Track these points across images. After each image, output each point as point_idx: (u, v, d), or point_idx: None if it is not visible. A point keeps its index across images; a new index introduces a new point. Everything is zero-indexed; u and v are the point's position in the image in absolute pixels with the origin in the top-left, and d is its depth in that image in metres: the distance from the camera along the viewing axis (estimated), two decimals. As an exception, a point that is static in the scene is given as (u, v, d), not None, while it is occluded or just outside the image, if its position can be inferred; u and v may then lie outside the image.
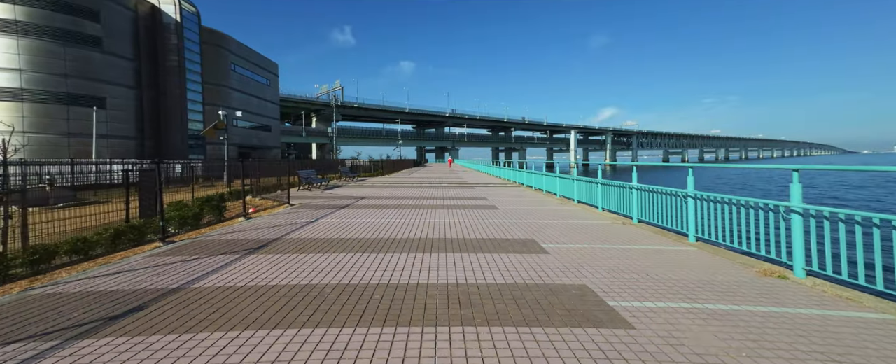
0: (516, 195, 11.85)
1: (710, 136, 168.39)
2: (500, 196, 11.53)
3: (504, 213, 8.07)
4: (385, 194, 12.05)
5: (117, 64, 25.34)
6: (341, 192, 12.85)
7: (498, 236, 5.66)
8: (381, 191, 13.34)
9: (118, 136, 25.28)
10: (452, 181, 19.23)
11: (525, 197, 11.33)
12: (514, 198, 11.04)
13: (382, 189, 14.10)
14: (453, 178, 22.79)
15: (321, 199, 10.28)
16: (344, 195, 11.64)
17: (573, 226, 6.45)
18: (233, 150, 38.88)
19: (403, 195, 11.74)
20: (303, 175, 12.85)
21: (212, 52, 34.97)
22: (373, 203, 9.62)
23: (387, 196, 11.46)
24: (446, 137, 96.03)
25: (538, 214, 7.75)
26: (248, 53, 41.74)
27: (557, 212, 8.27)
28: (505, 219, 7.17)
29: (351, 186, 15.48)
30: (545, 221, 6.84)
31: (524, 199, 10.57)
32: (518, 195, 11.87)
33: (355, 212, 8.07)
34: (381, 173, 26.55)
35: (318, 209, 8.47)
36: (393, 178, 23.62)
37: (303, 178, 12.81)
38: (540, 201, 10.18)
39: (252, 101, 42.42)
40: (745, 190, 30.56)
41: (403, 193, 12.32)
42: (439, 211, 8.24)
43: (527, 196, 11.56)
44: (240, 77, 39.67)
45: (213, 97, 34.98)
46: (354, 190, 13.61)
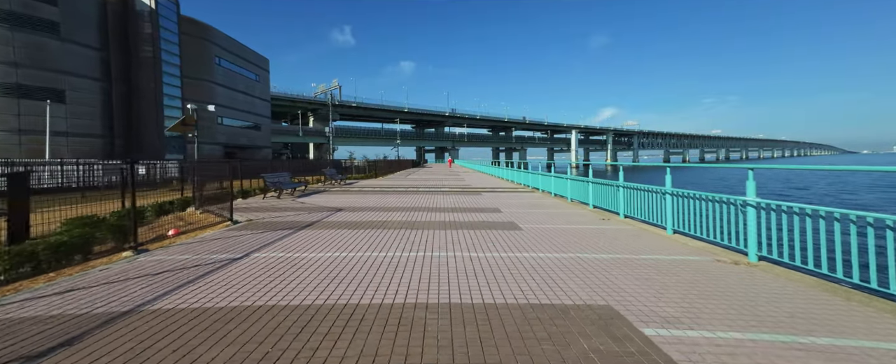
0: (533, 204, 9.41)
1: (710, 137, 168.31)
2: (516, 206, 9.09)
3: (532, 236, 5.61)
4: (371, 203, 9.58)
5: (79, 53, 22.80)
6: (318, 200, 10.36)
7: (540, 294, 3.17)
8: (367, 198, 10.86)
9: (81, 134, 22.74)
10: (454, 185, 16.76)
11: (547, 207, 8.87)
12: (534, 209, 8.59)
13: (370, 196, 11.61)
14: (454, 180, 20.33)
15: (282, 214, 7.78)
16: (318, 206, 9.14)
17: (668, 269, 3.95)
18: (218, 150, 36.42)
19: (394, 205, 9.27)
20: (270, 179, 10.35)
21: (193, 45, 32.45)
22: (350, 219, 7.14)
23: (372, 207, 8.98)
24: (446, 137, 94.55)
25: (581, 239, 5.31)
26: (234, 47, 39.22)
27: (604, 232, 5.81)
28: (539, 250, 4.71)
29: (334, 192, 12.99)
30: (605, 257, 4.38)
31: (549, 212, 8.12)
32: (535, 204, 9.42)
33: (318, 236, 5.58)
34: (375, 175, 24.07)
35: (268, 231, 5.98)
36: (387, 180, 21.13)
37: (270, 183, 10.31)
38: (571, 216, 7.71)
39: (239, 98, 39.91)
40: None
41: (394, 202, 9.85)
42: (439, 234, 5.76)
43: (548, 205, 9.11)
44: (225, 72, 37.16)
45: (195, 92, 32.45)
46: (335, 198, 11.12)
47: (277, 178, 10.59)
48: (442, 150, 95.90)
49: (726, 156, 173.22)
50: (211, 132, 35.04)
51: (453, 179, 21.33)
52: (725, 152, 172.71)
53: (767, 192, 26.89)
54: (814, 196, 26.39)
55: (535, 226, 6.50)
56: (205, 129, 34.31)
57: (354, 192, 12.77)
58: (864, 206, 19.24)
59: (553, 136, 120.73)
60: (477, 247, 4.89)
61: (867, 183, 35.61)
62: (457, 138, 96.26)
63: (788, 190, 30.18)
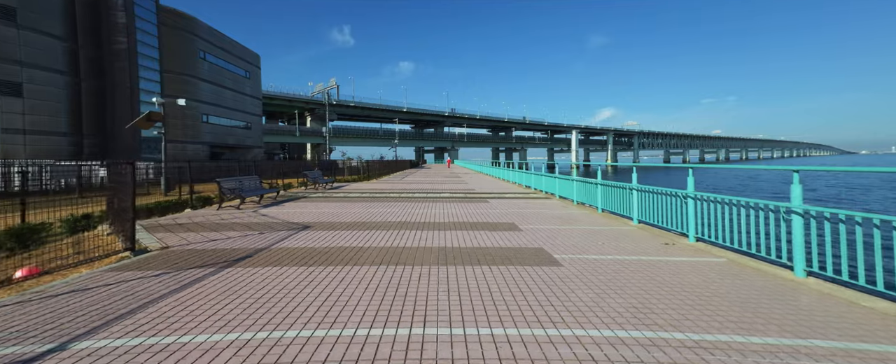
0: (557, 216, 7.41)
1: (711, 137, 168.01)
2: (535, 218, 7.07)
3: (580, 278, 3.58)
4: (351, 216, 7.57)
5: (40, 43, 20.66)
6: (287, 211, 8.34)
7: None
8: (349, 209, 8.84)
9: (41, 132, 20.61)
10: (455, 189, 14.75)
11: (577, 222, 6.87)
12: (561, 223, 6.58)
13: (353, 205, 9.60)
14: (455, 183, 18.33)
15: (223, 236, 5.75)
16: (282, 220, 7.12)
17: None
18: (204, 150, 34.33)
19: (379, 219, 7.26)
20: (226, 185, 8.30)
21: (175, 37, 30.37)
22: (312, 245, 5.12)
23: (350, 223, 6.96)
24: (445, 137, 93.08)
25: (662, 288, 3.28)
26: (221, 41, 37.13)
27: (685, 269, 3.75)
28: (606, 316, 2.70)
29: (313, 199, 10.97)
30: (740, 341, 2.37)
31: (582, 228, 6.11)
32: (559, 216, 7.42)
33: (243, 285, 3.55)
34: (366, 178, 22.04)
35: (175, 270, 3.95)
36: (379, 184, 19.10)
37: (226, 190, 8.27)
38: (618, 236, 5.69)
39: (227, 95, 37.82)
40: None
41: (381, 215, 7.84)
42: (436, 275, 3.75)
43: (577, 219, 7.10)
44: (211, 67, 35.06)
45: (177, 88, 30.36)
46: (311, 207, 9.10)
47: (237, 184, 8.54)
48: (441, 151, 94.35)
49: (726, 156, 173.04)
50: (195, 131, 32.95)
51: (454, 182, 19.32)
52: (725, 153, 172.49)
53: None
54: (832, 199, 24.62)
55: (576, 255, 4.49)
56: (189, 127, 32.26)
57: (337, 200, 10.74)
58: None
59: (553, 136, 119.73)
60: (500, 309, 2.88)
61: (865, 184, 34.60)
62: (456, 138, 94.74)
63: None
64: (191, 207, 8.36)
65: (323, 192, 13.24)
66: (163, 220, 7.02)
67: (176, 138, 30.79)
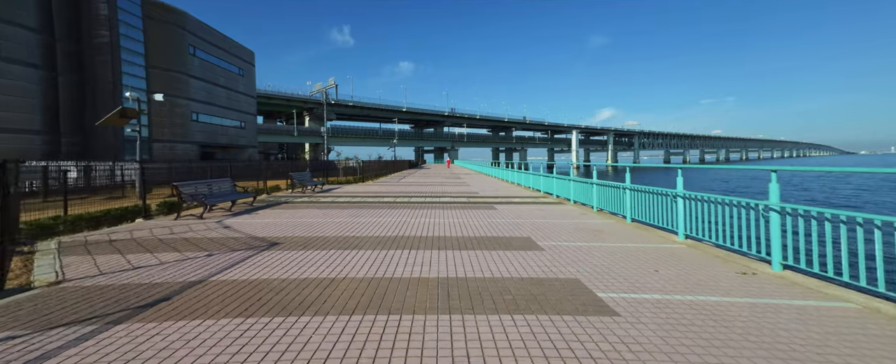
0: (580, 227, 6.10)
1: (711, 137, 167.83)
2: (554, 231, 5.76)
3: (642, 327, 2.31)
4: (332, 229, 6.28)
5: (10, 34, 19.30)
6: (257, 222, 7.05)
7: None
8: (333, 218, 7.56)
9: (12, 130, 19.25)
10: (457, 192, 13.48)
11: (607, 237, 5.57)
12: (588, 239, 5.29)
13: (339, 213, 8.31)
14: (456, 185, 17.05)
15: (154, 263, 4.45)
16: (246, 235, 5.83)
17: None
18: (194, 150, 33.00)
19: (366, 232, 5.98)
20: (186, 190, 7.00)
21: (162, 31, 29.02)
22: (269, 276, 3.83)
23: (330, 238, 5.68)
24: (445, 137, 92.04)
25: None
26: (213, 36, 35.80)
27: (793, 327, 2.47)
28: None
29: (294, 206, 9.68)
30: None
31: (617, 246, 4.82)
32: (584, 228, 6.13)
33: (141, 351, 2.26)
34: (361, 179, 20.74)
35: (42, 328, 2.65)
36: (375, 185, 17.83)
37: (186, 196, 6.97)
38: (670, 260, 4.39)
39: (219, 93, 36.49)
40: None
41: (369, 227, 6.56)
42: (432, 329, 2.46)
43: (605, 232, 5.78)
44: (202, 63, 33.71)
45: (164, 85, 29.00)
46: (287, 217, 7.81)
47: (205, 188, 7.24)
48: (441, 151, 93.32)
49: (726, 156, 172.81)
50: (185, 129, 31.60)
51: (455, 184, 18.04)
52: (725, 153, 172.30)
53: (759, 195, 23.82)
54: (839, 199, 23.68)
55: (631, 294, 3.20)
56: (178, 126, 30.93)
57: (322, 206, 9.44)
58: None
59: (553, 136, 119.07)
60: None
61: (863, 184, 33.99)
62: (456, 138, 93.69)
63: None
64: (143, 216, 7.05)
65: (310, 195, 11.95)
66: (95, 234, 5.71)
67: (163, 137, 29.48)
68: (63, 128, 22.06)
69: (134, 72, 26.14)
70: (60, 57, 21.96)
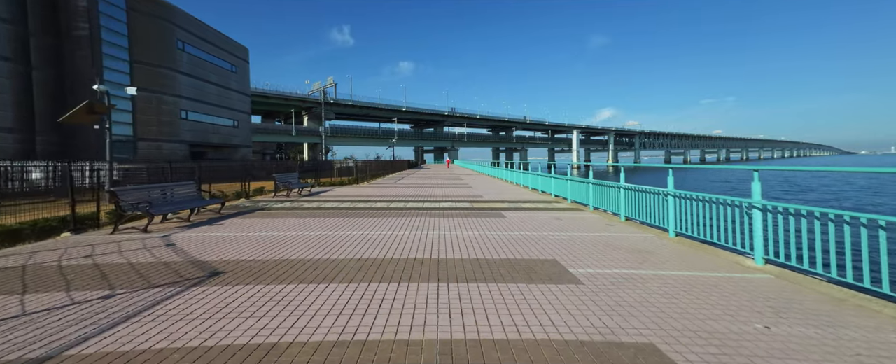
0: (617, 246, 4.79)
1: (711, 137, 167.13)
2: (584, 248, 4.43)
3: None
4: (305, 246, 5.00)
5: (-22, 24, 18.00)
6: (215, 235, 5.76)
7: None
8: (313, 228, 6.28)
9: (-21, 128, 17.96)
10: (458, 196, 12.19)
11: (651, 255, 4.28)
12: (631, 261, 3.98)
13: (321, 222, 7.04)
14: (457, 187, 15.77)
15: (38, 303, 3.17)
16: (187, 258, 4.54)
17: None
18: (182, 149, 31.69)
19: (348, 250, 4.70)
20: (126, 197, 5.69)
21: (149, 25, 27.70)
22: (175, 336, 2.53)
23: (297, 261, 4.39)
24: (445, 137, 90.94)
25: None
26: (204, 31, 34.48)
27: None
28: None
29: (271, 213, 8.39)
30: None
31: (687, 283, 3.55)
32: (620, 246, 4.82)
33: None
34: (356, 181, 19.44)
35: None
36: (369, 188, 16.55)
37: (127, 205, 5.67)
38: (774, 304, 3.11)
39: (209, 90, 35.18)
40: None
41: (352, 241, 5.27)
42: None
43: (646, 249, 4.48)
44: (191, 59, 32.40)
45: (150, 81, 27.73)
46: (254, 228, 6.52)
47: (159, 193, 5.94)
48: (441, 151, 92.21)
49: (727, 156, 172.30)
50: (173, 128, 30.29)
51: (456, 186, 16.76)
52: (726, 153, 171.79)
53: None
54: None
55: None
56: (165, 124, 29.62)
57: (303, 213, 8.15)
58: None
59: (554, 136, 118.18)
60: None
61: (863, 184, 33.43)
62: (456, 138, 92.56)
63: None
64: (72, 229, 5.74)
65: (294, 200, 10.65)
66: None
67: (149, 136, 28.17)
68: (39, 126, 20.75)
69: (117, 67, 24.82)
70: (35, 50, 20.64)
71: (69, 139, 21.93)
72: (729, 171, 56.39)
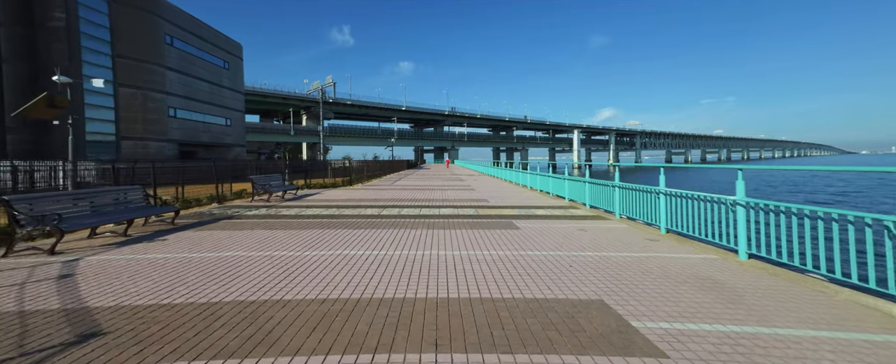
0: (674, 273, 3.46)
1: (712, 137, 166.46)
2: (631, 277, 3.11)
3: None
4: (243, 284, 3.67)
5: (-61, 13, 16.64)
6: (131, 260, 4.44)
7: None
8: (274, 247, 4.96)
9: (-61, 124, 16.59)
10: (460, 200, 10.86)
11: (722, 287, 2.96)
12: (710, 303, 2.69)
13: (293, 237, 5.72)
14: (458, 189, 14.45)
15: None
16: (54, 305, 3.18)
17: None
18: (171, 148, 30.34)
19: (301, 286, 3.37)
20: (21, 209, 4.34)
21: (133, 17, 26.34)
22: None
23: (226, 301, 3.05)
24: (445, 137, 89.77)
25: None
26: (194, 26, 33.11)
27: None
28: None
29: (236, 223, 7.06)
30: None
31: (812, 346, 2.26)
32: (675, 273, 3.51)
33: None
34: (348, 182, 18.09)
35: None
36: (364, 190, 15.23)
37: (24, 219, 4.32)
38: None
39: (201, 87, 33.82)
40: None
41: (315, 271, 3.94)
42: None
43: (710, 276, 3.15)
44: (180, 54, 31.03)
45: (135, 77, 26.37)
46: (194, 248, 5.19)
47: (50, 204, 4.60)
48: (441, 150, 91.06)
49: (728, 156, 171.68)
50: (161, 126, 28.93)
51: (457, 188, 15.42)
52: (727, 152, 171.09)
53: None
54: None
55: None
56: (151, 122, 28.25)
57: (273, 224, 6.81)
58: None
59: (555, 135, 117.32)
60: None
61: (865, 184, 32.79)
62: (456, 138, 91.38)
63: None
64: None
65: (273, 205, 9.31)
66: None
67: (134, 135, 26.81)
68: (9, 122, 19.39)
69: (98, 61, 23.45)
70: (6, 41, 19.29)
71: (43, 137, 20.58)
72: (759, 170, 52.83)
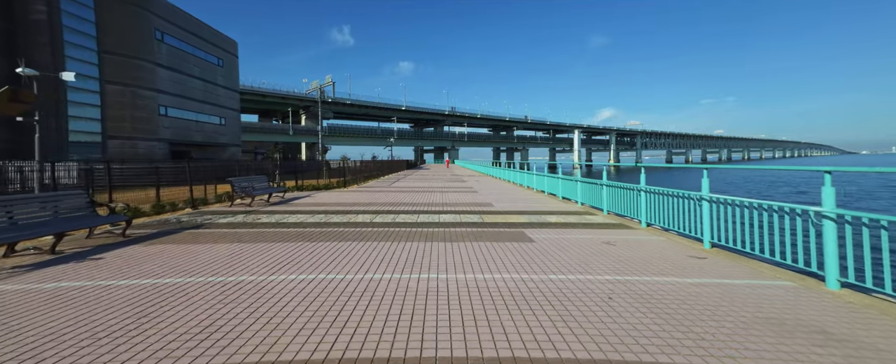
0: (805, 333, 2.58)
1: (712, 137, 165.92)
2: (713, 329, 2.22)
3: None
4: (164, 333, 2.73)
5: None
6: (40, 290, 3.47)
7: None
8: (235, 267, 4.00)
9: None
10: (461, 203, 9.89)
11: (831, 336, 2.04)
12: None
13: (254, 258, 4.76)
14: (459, 191, 13.49)
15: None
16: None
17: None
18: (162, 148, 29.35)
19: (232, 342, 2.43)
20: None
21: (121, 12, 25.36)
22: None
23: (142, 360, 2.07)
24: (445, 137, 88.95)
25: None
26: (186, 21, 32.13)
27: None
28: None
29: (197, 235, 6.10)
30: None
31: None
32: (764, 316, 2.59)
33: None
34: (342, 184, 17.12)
35: None
36: (358, 192, 14.27)
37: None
38: None
39: (194, 85, 32.84)
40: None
41: (260, 315, 2.97)
42: None
43: (809, 322, 2.26)
44: (171, 50, 30.05)
45: (123, 74, 25.38)
46: (128, 271, 4.23)
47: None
48: (441, 150, 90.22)
49: (728, 156, 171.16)
50: (151, 125, 27.95)
51: (458, 190, 14.46)
52: (727, 152, 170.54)
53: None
54: None
55: None
56: (141, 120, 27.27)
57: (244, 237, 5.85)
58: None
59: (555, 135, 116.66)
60: None
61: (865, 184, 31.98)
62: (456, 138, 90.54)
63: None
64: None
65: (253, 210, 8.35)
66: None
67: (122, 134, 25.83)
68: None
69: (82, 56, 22.47)
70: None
71: (23, 136, 19.59)
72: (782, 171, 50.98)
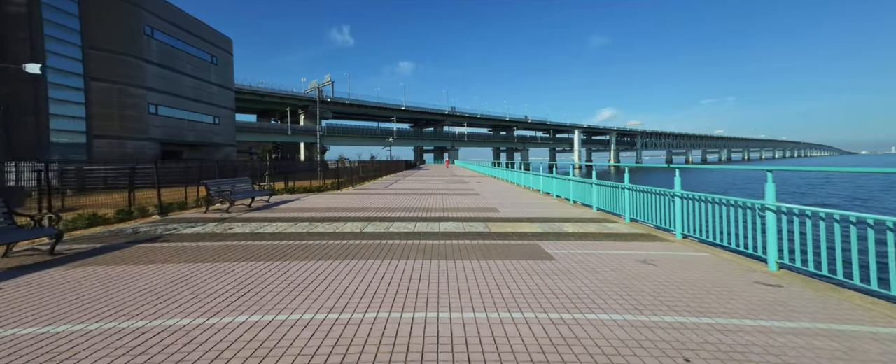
0: None
1: (712, 137, 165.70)
2: None
3: None
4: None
5: None
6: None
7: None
8: (168, 308, 3.06)
9: None
10: (463, 207, 8.95)
11: None
12: None
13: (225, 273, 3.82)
14: (460, 193, 12.57)
15: None
16: None
17: None
18: (152, 147, 28.30)
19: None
20: None
21: (108, 5, 24.34)
22: None
23: None
24: (445, 137, 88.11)
25: None
26: (178, 17, 31.11)
27: None
28: None
29: (150, 250, 5.16)
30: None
31: None
32: None
33: None
34: (337, 186, 16.16)
35: None
36: (351, 196, 13.33)
37: None
38: None
39: (185, 83, 31.81)
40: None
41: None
42: None
43: None
44: (162, 47, 29.04)
45: (110, 70, 24.38)
46: (27, 308, 3.23)
47: None
48: (441, 150, 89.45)
49: (728, 156, 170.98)
50: (140, 124, 26.92)
51: (459, 192, 13.52)
52: (727, 153, 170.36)
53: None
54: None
55: None
56: (129, 119, 26.24)
57: (203, 254, 4.89)
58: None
59: (555, 135, 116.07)
60: None
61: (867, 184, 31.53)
62: (456, 138, 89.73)
63: None
64: None
65: (228, 218, 7.41)
66: None
67: (109, 133, 24.82)
68: (-39, 119, 17.44)
69: (66, 52, 21.46)
70: (-44, 28, 17.32)
71: (5, 139, 18.62)
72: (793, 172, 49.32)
